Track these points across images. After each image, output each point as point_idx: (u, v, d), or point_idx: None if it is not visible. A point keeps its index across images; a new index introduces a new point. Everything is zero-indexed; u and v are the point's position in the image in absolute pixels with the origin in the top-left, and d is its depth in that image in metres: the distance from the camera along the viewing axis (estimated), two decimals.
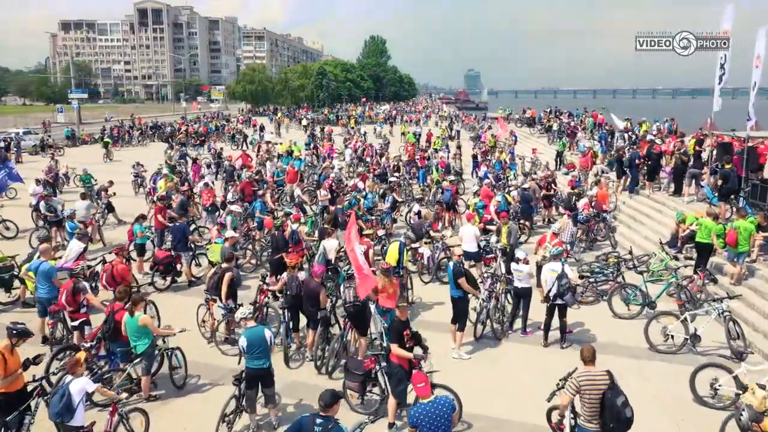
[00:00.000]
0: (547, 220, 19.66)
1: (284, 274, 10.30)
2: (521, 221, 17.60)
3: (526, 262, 10.71)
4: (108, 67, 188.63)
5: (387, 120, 61.80)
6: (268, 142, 33.77)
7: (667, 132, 28.21)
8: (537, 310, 11.01)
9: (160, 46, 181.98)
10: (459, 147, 31.19)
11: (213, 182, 22.64)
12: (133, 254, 13.99)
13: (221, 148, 30.69)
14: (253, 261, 14.57)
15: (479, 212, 16.88)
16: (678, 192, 18.29)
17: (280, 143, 33.24)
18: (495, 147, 34.22)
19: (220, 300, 10.10)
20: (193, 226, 17.17)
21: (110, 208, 19.22)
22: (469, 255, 13.36)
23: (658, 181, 19.84)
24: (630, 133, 26.42)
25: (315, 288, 9.49)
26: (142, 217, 14.14)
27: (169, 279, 13.36)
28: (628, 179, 21.05)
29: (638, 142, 24.87)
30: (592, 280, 13.21)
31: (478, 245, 13.35)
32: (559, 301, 10.18)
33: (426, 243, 14.34)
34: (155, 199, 15.87)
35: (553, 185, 20.06)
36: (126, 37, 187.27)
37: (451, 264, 10.04)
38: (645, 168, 20.36)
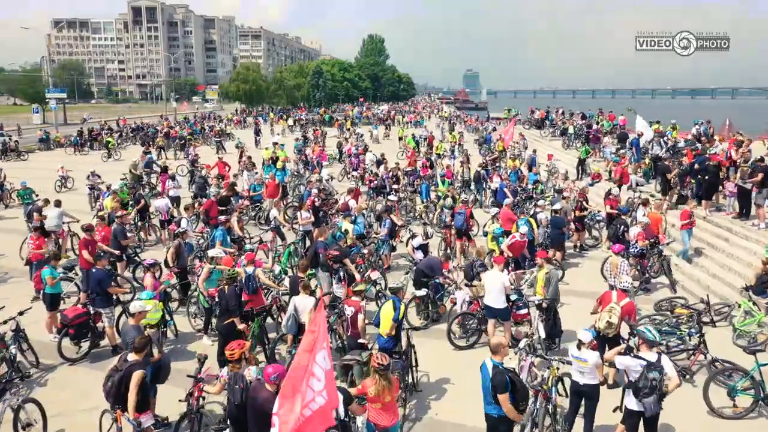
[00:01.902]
0: (579, 247, 16.11)
1: (224, 371, 6.71)
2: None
3: (594, 348, 7.13)
4: (102, 66, 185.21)
5: (383, 121, 58.30)
6: (275, 143, 30.24)
7: (703, 136, 24.71)
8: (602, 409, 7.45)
9: (155, 45, 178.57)
10: (467, 155, 27.57)
11: (174, 200, 19.07)
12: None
13: (197, 155, 27.04)
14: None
15: (498, 241, 13.34)
16: (745, 214, 14.74)
17: (266, 148, 29.65)
18: (504, 152, 30.68)
19: (127, 410, 6.52)
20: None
21: (44, 232, 15.58)
22: (494, 312, 9.82)
23: (716, 200, 16.26)
24: (665, 138, 22.82)
25: (266, 402, 5.90)
26: (54, 258, 10.53)
27: (86, 344, 9.79)
28: (674, 195, 17.56)
29: (679, 149, 21.36)
30: (662, 345, 9.67)
31: (507, 298, 9.78)
32: (634, 406, 6.61)
33: (471, 286, 10.76)
34: (82, 227, 12.27)
35: (585, 203, 16.54)
36: (120, 36, 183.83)
37: (488, 366, 6.31)
38: (693, 183, 16.94)
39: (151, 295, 9.13)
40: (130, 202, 17.59)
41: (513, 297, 9.77)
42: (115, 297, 10.17)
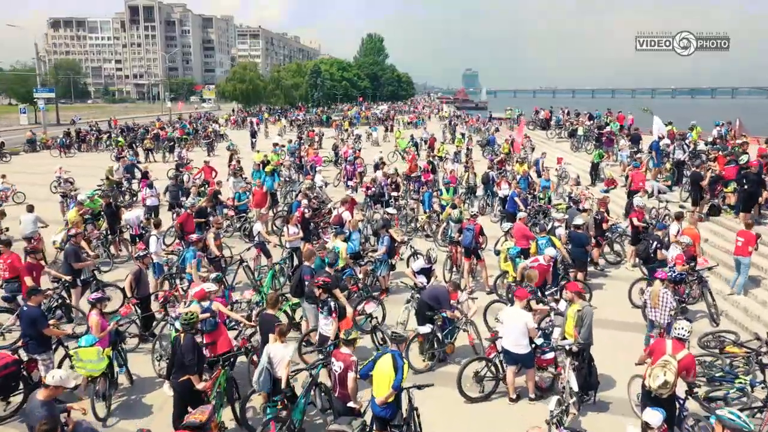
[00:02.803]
0: (595, 264, 14.24)
1: None
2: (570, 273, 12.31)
3: None
4: (99, 66, 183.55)
5: (383, 121, 56.46)
6: (275, 144, 28.57)
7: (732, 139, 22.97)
8: None
9: (152, 44, 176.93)
10: (468, 154, 25.77)
11: (152, 210, 17.35)
12: None
13: (182, 158, 25.28)
14: None
15: (514, 262, 11.61)
16: None
17: (257, 151, 27.96)
18: (509, 155, 28.88)
19: None
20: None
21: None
22: (515, 357, 8.08)
23: (755, 212, 14.47)
24: (687, 140, 21.08)
25: None
26: None
27: (17, 398, 8.03)
28: (705, 206, 15.82)
29: (699, 152, 19.64)
30: (716, 396, 7.95)
31: (531, 341, 8.03)
32: None
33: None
34: (24, 248, 10.52)
35: (607, 214, 14.81)
36: (117, 35, 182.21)
37: None
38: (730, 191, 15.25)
39: (93, 341, 7.40)
40: (102, 213, 15.86)
41: (538, 341, 8.00)
42: (55, 339, 8.40)
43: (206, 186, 19.91)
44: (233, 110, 79.03)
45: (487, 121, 54.85)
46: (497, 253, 12.49)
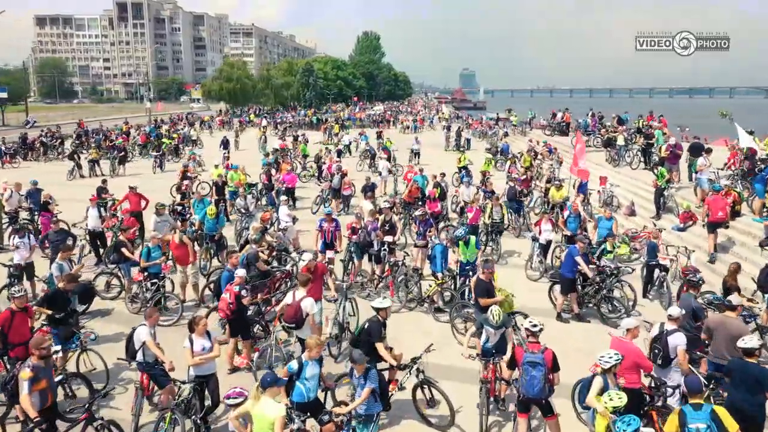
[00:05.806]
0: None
1: None
2: None
3: None
4: (86, 64, 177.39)
5: (378, 123, 50.37)
6: (275, 150, 22.27)
7: None
8: None
9: (141, 42, 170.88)
10: (515, 182, 19.01)
11: (24, 271, 11.37)
12: None
13: (104, 180, 18.97)
14: None
15: None
16: None
17: (216, 166, 21.77)
18: (530, 168, 22.66)
19: None
20: None
21: None
22: None
23: None
24: None
25: None
26: None
27: None
28: None
29: None
30: None
31: None
32: None
33: None
34: None
35: (738, 292, 8.88)
36: (105, 33, 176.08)
37: None
38: None
39: None
40: None
41: None
42: None
43: (118, 228, 13.69)
44: (220, 111, 72.92)
45: (494, 124, 48.32)
46: (586, 408, 6.42)
